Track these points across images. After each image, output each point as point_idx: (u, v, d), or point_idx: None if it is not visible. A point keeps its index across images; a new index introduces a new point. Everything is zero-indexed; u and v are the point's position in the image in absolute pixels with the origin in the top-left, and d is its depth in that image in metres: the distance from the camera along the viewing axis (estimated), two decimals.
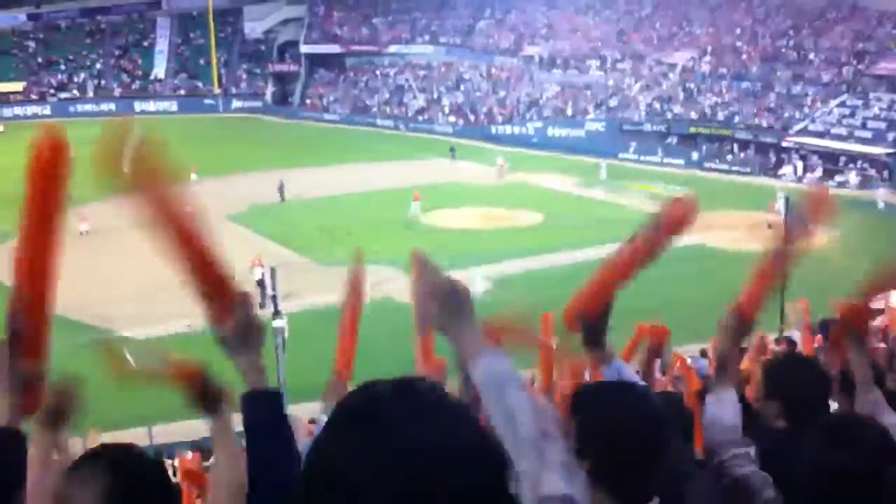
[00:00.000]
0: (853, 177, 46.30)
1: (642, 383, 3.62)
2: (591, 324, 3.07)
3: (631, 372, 3.31)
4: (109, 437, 16.52)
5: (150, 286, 29.33)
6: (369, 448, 1.31)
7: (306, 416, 15.97)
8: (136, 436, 17.37)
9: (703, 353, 13.26)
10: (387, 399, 1.38)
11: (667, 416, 2.44)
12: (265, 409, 2.29)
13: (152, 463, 2.54)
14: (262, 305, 25.24)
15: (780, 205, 35.10)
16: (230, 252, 2.74)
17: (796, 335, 9.84)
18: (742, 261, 3.56)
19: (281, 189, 41.87)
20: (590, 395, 2.41)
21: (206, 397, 2.52)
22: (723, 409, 2.95)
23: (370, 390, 1.40)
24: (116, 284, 30.01)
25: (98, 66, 78.09)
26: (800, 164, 48.78)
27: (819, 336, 8.21)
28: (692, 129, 54.79)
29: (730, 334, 3.11)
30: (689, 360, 6.22)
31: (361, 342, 4.73)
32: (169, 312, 25.29)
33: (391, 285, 23.69)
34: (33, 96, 73.81)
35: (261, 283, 26.18)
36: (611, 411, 2.28)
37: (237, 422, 2.46)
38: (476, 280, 27.88)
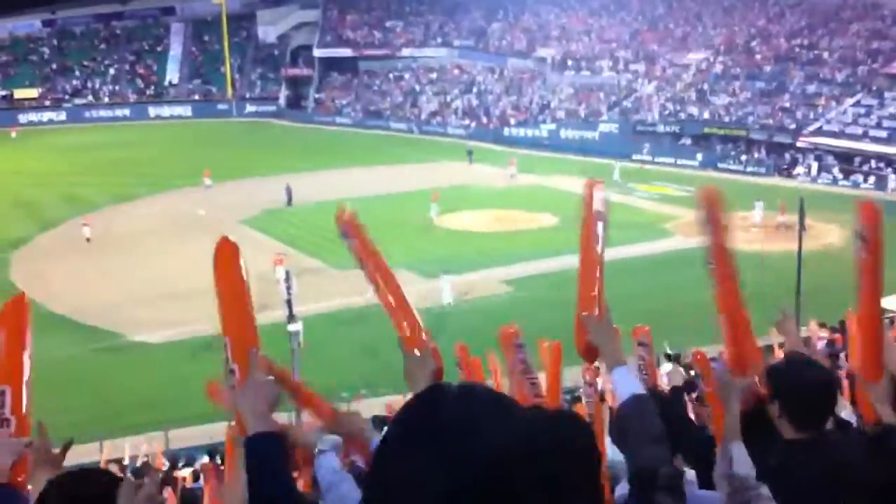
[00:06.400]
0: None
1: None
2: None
3: (635, 371, 3.31)
4: (127, 443, 16.61)
5: (159, 291, 29.46)
6: (431, 445, 1.36)
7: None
8: (153, 440, 17.45)
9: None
10: (449, 399, 1.43)
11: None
12: (262, 453, 2.38)
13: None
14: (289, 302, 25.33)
15: (757, 214, 35.48)
16: (248, 258, 2.75)
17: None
18: (757, 262, 3.53)
19: (288, 193, 41.86)
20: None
21: None
22: (735, 465, 2.91)
23: (434, 392, 1.46)
24: (126, 289, 30.04)
25: (112, 71, 78.54)
26: (814, 165, 48.56)
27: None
28: (706, 130, 54.66)
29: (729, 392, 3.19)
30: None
31: (370, 348, 4.24)
32: (180, 318, 25.39)
33: (408, 288, 23.63)
34: (48, 102, 74.25)
35: (282, 282, 26.46)
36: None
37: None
38: (445, 290, 27.84)
